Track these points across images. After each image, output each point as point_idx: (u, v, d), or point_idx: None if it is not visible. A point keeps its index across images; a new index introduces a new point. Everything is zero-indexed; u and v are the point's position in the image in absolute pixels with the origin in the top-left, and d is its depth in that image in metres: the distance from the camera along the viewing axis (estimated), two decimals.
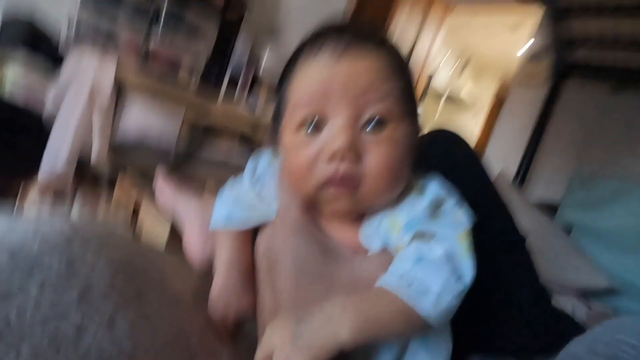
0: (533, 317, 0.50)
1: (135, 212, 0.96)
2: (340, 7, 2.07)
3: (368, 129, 0.27)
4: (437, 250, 0.26)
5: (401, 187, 0.30)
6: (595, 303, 1.10)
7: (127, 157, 1.09)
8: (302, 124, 0.29)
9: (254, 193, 0.35)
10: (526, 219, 1.27)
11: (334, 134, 0.27)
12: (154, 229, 0.90)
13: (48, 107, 1.16)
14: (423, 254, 0.26)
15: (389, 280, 0.26)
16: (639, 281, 1.13)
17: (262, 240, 0.33)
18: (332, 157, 0.27)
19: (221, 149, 1.32)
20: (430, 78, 3.26)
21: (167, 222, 0.86)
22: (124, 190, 1.03)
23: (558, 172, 1.58)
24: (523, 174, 1.61)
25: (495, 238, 0.51)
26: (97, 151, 1.00)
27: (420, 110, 0.31)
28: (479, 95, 4.10)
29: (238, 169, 1.34)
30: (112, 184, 1.10)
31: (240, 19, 1.97)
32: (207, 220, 0.40)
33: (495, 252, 0.50)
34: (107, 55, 1.07)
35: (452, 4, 2.52)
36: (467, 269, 0.27)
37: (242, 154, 1.38)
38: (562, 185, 1.50)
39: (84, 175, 1.07)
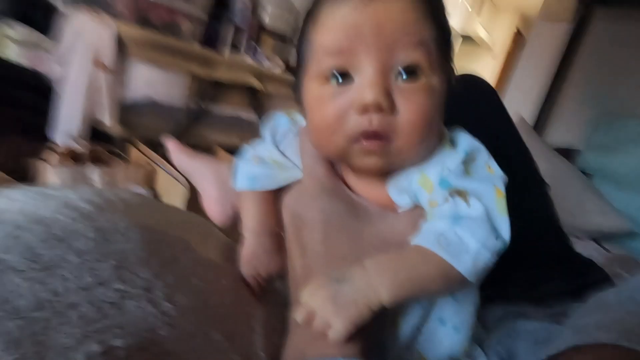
0: (560, 262, 0.50)
1: (151, 173, 0.98)
2: None
3: (402, 78, 0.25)
4: (474, 207, 0.25)
5: (436, 140, 0.28)
6: (613, 246, 1.10)
7: (138, 117, 1.08)
8: (329, 74, 0.26)
9: (278, 153, 0.34)
10: (545, 164, 1.25)
11: (366, 84, 0.25)
12: (171, 190, 0.91)
13: (54, 69, 1.14)
14: (460, 212, 0.25)
15: (427, 238, 0.26)
16: None
17: (288, 201, 0.32)
18: (364, 110, 0.25)
19: (231, 103, 1.30)
20: None
21: (183, 183, 0.87)
22: (139, 152, 1.03)
23: (580, 115, 1.51)
24: (544, 117, 1.55)
25: (520, 182, 0.50)
26: (108, 112, 0.99)
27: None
28: (498, 35, 3.84)
29: (249, 123, 1.32)
30: (124, 146, 1.10)
31: None
32: (225, 181, 0.40)
33: (521, 196, 0.49)
34: (105, 16, 1.02)
35: None
36: (505, 226, 0.26)
37: (252, 107, 1.35)
38: (584, 129, 1.44)
39: (97, 139, 1.07)
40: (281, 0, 1.97)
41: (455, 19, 3.44)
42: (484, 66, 3.95)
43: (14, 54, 1.11)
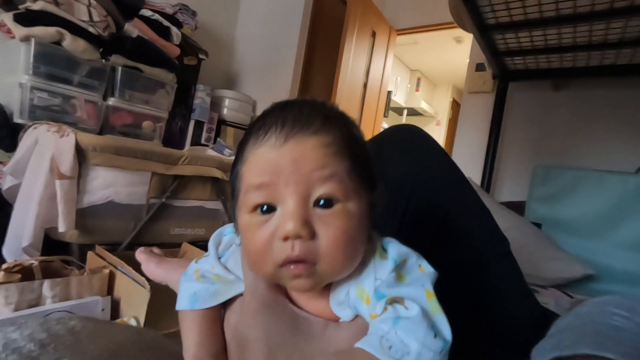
0: (523, 315, 0.52)
1: (110, 278, 0.93)
2: (292, 47, 2.15)
3: (319, 207, 0.28)
4: (411, 309, 0.26)
5: (359, 257, 0.30)
6: (574, 290, 1.14)
7: (98, 220, 1.06)
8: (255, 206, 0.29)
9: (220, 267, 0.34)
10: (499, 220, 1.32)
11: (287, 214, 0.27)
12: (132, 293, 0.87)
13: (7, 181, 1.13)
14: (399, 314, 0.26)
15: (370, 342, 0.26)
16: (611, 262, 1.20)
17: (230, 317, 0.32)
18: (286, 238, 0.27)
19: (194, 195, 1.31)
20: (389, 94, 3.40)
21: (144, 285, 0.84)
22: (97, 257, 0.99)
23: (520, 170, 1.67)
24: (488, 176, 1.69)
25: (485, 243, 0.53)
26: (64, 219, 0.97)
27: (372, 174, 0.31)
28: (437, 105, 4.31)
29: (214, 212, 1.32)
30: (83, 253, 1.06)
31: (198, 64, 2.01)
32: None
33: (486, 257, 0.52)
34: (64, 125, 1.06)
35: (396, 27, 2.67)
36: (443, 325, 0.27)
37: (216, 196, 1.37)
38: (526, 182, 1.58)
39: (53, 249, 1.03)
40: (237, 93, 2.14)
41: (400, 96, 3.85)
42: (430, 132, 4.32)
43: None
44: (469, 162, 1.80)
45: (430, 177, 0.50)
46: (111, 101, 1.51)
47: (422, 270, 0.30)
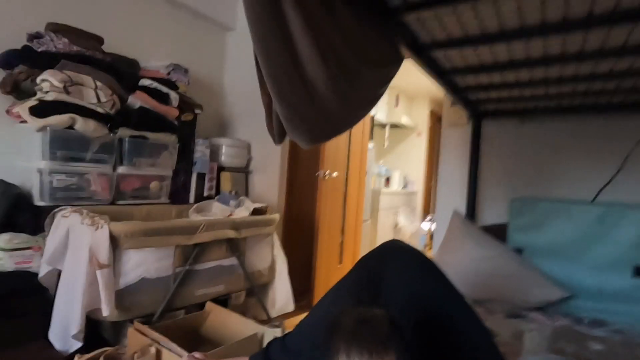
0: None
1: (154, 354, 1.05)
2: None
3: None
4: None
5: None
6: (558, 311, 1.32)
7: (133, 297, 1.17)
8: None
9: None
10: (482, 248, 1.51)
11: None
12: None
13: (42, 269, 1.22)
14: None
15: None
16: (586, 282, 1.38)
17: None
18: None
19: (212, 257, 1.43)
20: (372, 119, 3.59)
21: (184, 357, 0.96)
22: (137, 334, 1.11)
23: (499, 195, 1.85)
24: (472, 202, 1.87)
25: (479, 338, 0.68)
26: (107, 304, 1.08)
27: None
28: (416, 117, 4.53)
29: (230, 268, 1.46)
30: (120, 329, 1.17)
31: (194, 118, 2.12)
32: None
33: (482, 348, 0.67)
34: (95, 216, 1.17)
35: None
36: None
37: (231, 253, 1.49)
38: (505, 205, 1.76)
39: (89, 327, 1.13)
40: (232, 140, 2.26)
41: (381, 114, 4.03)
42: (412, 143, 4.56)
43: (7, 262, 1.19)
44: (454, 190, 1.98)
45: (432, 293, 0.65)
46: (120, 169, 1.62)
47: None
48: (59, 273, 1.20)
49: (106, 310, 1.08)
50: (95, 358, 0.98)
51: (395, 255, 0.69)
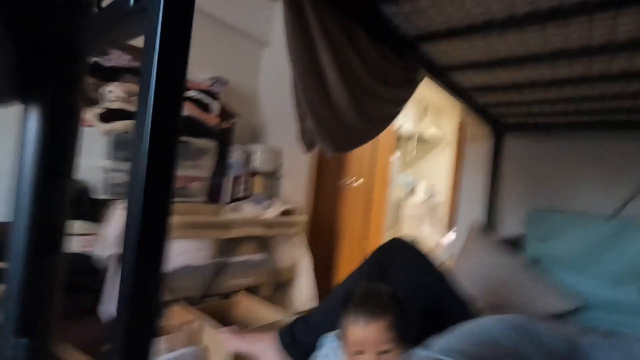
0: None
1: (197, 331, 1.21)
2: None
3: (381, 354, 0.58)
4: None
5: None
6: (570, 323, 1.36)
7: (176, 282, 1.35)
8: (355, 352, 0.60)
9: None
10: (497, 257, 1.58)
11: (369, 358, 0.58)
12: (217, 342, 1.14)
13: (102, 252, 1.43)
14: None
15: None
16: (598, 293, 1.42)
17: None
18: None
19: (244, 251, 1.59)
20: (398, 128, 3.68)
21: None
22: (182, 312, 1.28)
23: (518, 208, 1.90)
24: (492, 214, 1.93)
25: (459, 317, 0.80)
26: None
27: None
28: (443, 132, 4.56)
29: (260, 263, 1.63)
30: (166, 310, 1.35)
31: (232, 126, 2.32)
32: (277, 349, 0.66)
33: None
34: None
35: None
36: None
37: (261, 249, 1.65)
38: (524, 219, 1.81)
39: None
40: (265, 145, 2.45)
41: (409, 123, 4.12)
42: (439, 154, 4.58)
43: (74, 245, 1.41)
44: (475, 202, 2.04)
45: (429, 284, 0.78)
46: None
47: None
48: (115, 258, 1.40)
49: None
50: None
51: (399, 250, 0.83)
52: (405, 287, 0.76)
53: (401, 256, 0.81)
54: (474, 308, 0.85)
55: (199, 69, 2.21)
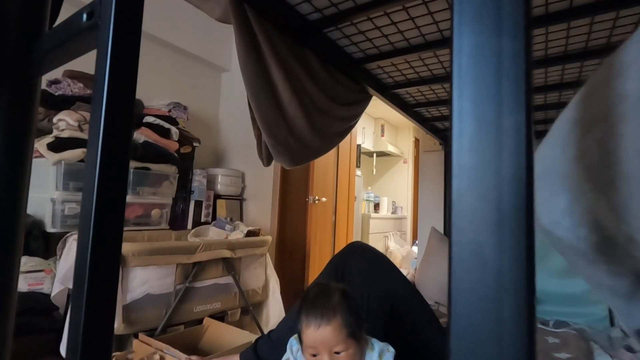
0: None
1: None
2: None
3: (335, 354, 0.61)
4: None
5: (360, 356, 0.63)
6: None
7: (138, 312, 1.29)
8: (311, 354, 0.62)
9: None
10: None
11: (324, 358, 0.61)
12: None
13: (55, 288, 1.34)
14: None
15: None
16: (549, 288, 1.53)
17: None
18: None
19: (210, 275, 1.56)
20: (359, 147, 3.82)
21: None
22: (143, 344, 1.22)
23: None
24: (449, 223, 2.03)
25: (422, 315, 0.84)
26: (116, 319, 1.20)
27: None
28: (402, 145, 4.78)
29: (226, 286, 1.60)
30: (119, 341, 1.29)
31: (192, 150, 2.31)
32: None
33: (424, 325, 0.83)
34: None
35: None
36: None
37: (227, 272, 1.63)
38: None
39: None
40: (227, 170, 2.45)
41: (368, 143, 4.27)
42: (399, 170, 4.77)
43: (22, 283, 1.32)
44: (433, 211, 2.15)
45: (386, 284, 0.82)
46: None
47: (389, 351, 0.61)
48: (69, 293, 1.32)
49: (115, 324, 1.20)
50: None
51: (355, 252, 0.87)
52: (361, 284, 0.80)
53: (357, 256, 0.85)
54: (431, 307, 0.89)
55: (160, 97, 2.21)
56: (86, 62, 1.85)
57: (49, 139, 1.55)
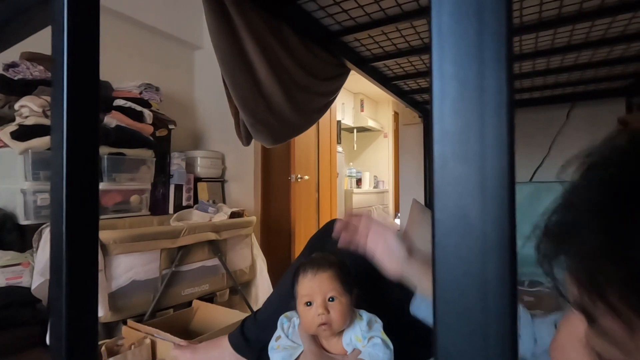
0: None
1: (150, 346, 1.16)
2: None
3: (329, 301, 0.62)
4: (377, 340, 0.61)
5: (348, 320, 0.64)
6: None
7: (125, 299, 1.28)
8: (305, 303, 0.63)
9: (288, 340, 0.66)
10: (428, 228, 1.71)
11: (318, 306, 0.62)
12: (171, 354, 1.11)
13: (35, 280, 1.31)
14: (373, 343, 0.61)
15: (363, 357, 0.60)
16: (523, 250, 1.60)
17: None
18: (319, 316, 0.61)
19: (196, 258, 1.56)
20: (339, 123, 3.79)
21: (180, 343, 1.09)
22: (132, 330, 1.22)
23: None
24: (430, 194, 2.08)
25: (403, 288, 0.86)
26: (102, 306, 1.19)
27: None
28: (382, 119, 4.78)
29: (213, 268, 1.61)
30: (108, 328, 1.28)
31: (169, 133, 2.23)
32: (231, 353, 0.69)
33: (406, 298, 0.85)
34: None
35: None
36: (389, 344, 0.62)
37: (213, 254, 1.62)
38: None
39: None
40: (207, 151, 2.39)
41: (348, 118, 4.25)
42: (380, 145, 4.80)
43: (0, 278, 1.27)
44: (414, 183, 2.19)
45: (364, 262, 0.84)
46: (101, 186, 1.71)
47: (377, 322, 0.64)
48: None
49: (100, 312, 1.19)
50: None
51: (332, 231, 0.88)
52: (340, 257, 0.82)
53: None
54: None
55: (130, 78, 2.10)
56: (43, 41, 1.74)
57: (12, 127, 1.47)
